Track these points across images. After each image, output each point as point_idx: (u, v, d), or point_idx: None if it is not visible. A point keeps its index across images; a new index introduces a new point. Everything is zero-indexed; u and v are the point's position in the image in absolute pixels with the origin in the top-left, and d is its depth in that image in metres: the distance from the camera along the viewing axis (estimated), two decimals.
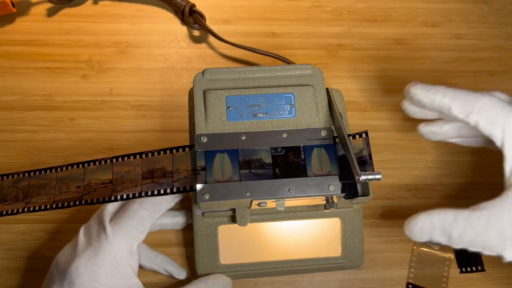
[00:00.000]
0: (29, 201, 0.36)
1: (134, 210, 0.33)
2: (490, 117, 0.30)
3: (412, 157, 0.44)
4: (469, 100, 0.31)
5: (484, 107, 0.31)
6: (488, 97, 0.31)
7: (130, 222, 0.32)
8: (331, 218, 0.38)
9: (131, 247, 0.32)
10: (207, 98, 0.34)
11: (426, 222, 0.30)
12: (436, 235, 0.30)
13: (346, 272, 0.40)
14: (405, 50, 0.49)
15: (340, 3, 0.51)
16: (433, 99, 0.32)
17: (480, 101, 0.31)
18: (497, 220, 0.29)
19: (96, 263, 0.30)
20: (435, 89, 0.32)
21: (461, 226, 0.29)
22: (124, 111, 0.45)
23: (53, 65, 0.46)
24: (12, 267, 0.39)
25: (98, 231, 0.32)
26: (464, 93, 0.32)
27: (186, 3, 0.47)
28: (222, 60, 0.48)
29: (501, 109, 0.30)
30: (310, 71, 0.36)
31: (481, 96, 0.31)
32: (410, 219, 0.31)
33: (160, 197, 0.33)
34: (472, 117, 0.31)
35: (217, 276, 0.36)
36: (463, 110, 0.31)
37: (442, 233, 0.30)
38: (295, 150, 0.34)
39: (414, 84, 0.34)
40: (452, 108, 0.31)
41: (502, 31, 0.51)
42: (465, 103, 0.31)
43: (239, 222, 0.35)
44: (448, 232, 0.30)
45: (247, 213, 0.35)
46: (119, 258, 0.31)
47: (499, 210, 0.29)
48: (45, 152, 0.43)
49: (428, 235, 0.31)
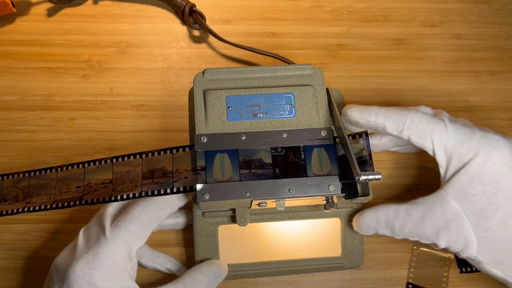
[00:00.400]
0: (29, 201, 0.36)
1: (136, 215, 0.32)
2: (419, 131, 0.34)
3: (412, 157, 0.44)
4: (399, 118, 0.34)
5: (412, 123, 0.34)
6: (415, 113, 0.34)
7: (131, 227, 0.32)
8: (331, 218, 0.38)
9: (130, 252, 0.32)
10: (207, 98, 0.34)
11: (371, 218, 0.35)
12: (381, 229, 0.34)
13: (346, 272, 0.40)
14: (405, 50, 0.49)
15: (340, 3, 0.51)
16: (368, 120, 0.35)
17: (408, 117, 0.34)
18: (431, 213, 0.33)
19: (94, 267, 0.30)
20: (369, 110, 0.35)
21: (402, 219, 0.33)
22: (124, 111, 0.45)
23: (53, 65, 0.46)
24: (12, 267, 0.39)
25: (98, 234, 0.32)
26: (395, 111, 0.35)
27: (186, 3, 0.47)
28: (222, 60, 0.48)
29: (428, 123, 0.34)
30: (310, 71, 0.36)
31: (409, 113, 0.34)
32: (357, 216, 0.36)
33: (162, 202, 0.33)
34: (404, 133, 0.34)
35: (210, 262, 0.36)
36: (395, 127, 0.34)
37: (385, 226, 0.34)
38: (295, 150, 0.34)
39: (350, 107, 0.36)
40: (385, 126, 0.34)
41: (502, 31, 0.51)
42: (396, 121, 0.34)
43: (239, 222, 0.35)
44: (391, 225, 0.34)
45: (247, 213, 0.35)
46: (117, 262, 0.31)
47: (433, 205, 0.33)
48: (45, 152, 0.43)
49: (374, 229, 0.35)
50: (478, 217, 0.32)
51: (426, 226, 0.33)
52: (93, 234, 0.32)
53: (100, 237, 0.32)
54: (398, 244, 0.41)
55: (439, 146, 0.33)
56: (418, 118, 0.34)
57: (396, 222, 0.34)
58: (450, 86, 0.48)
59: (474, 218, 0.32)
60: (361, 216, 0.35)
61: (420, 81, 0.48)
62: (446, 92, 0.48)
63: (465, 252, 0.32)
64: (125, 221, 0.32)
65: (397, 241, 0.41)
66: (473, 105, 0.47)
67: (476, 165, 0.32)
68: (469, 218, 0.32)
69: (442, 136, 0.33)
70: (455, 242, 0.33)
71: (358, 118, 0.35)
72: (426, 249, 0.41)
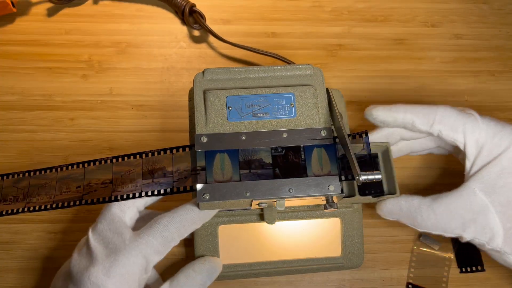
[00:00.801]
0: (29, 201, 0.36)
1: (159, 230, 0.32)
2: (450, 124, 0.34)
3: (412, 157, 0.44)
4: (429, 112, 0.34)
5: (443, 117, 0.34)
6: (444, 107, 0.35)
7: (152, 241, 0.32)
8: (331, 218, 0.38)
9: (146, 265, 0.32)
10: (207, 98, 0.34)
11: (395, 204, 0.35)
12: (403, 218, 0.35)
13: (346, 272, 0.40)
14: (405, 50, 0.49)
15: (340, 3, 0.51)
16: (395, 117, 0.35)
17: (438, 111, 0.34)
18: (457, 207, 0.33)
19: (109, 274, 0.30)
20: (395, 107, 0.35)
21: (425, 212, 0.34)
22: (124, 111, 0.45)
23: (53, 65, 0.46)
24: (12, 267, 0.39)
25: (116, 242, 0.31)
26: (422, 107, 0.35)
27: (186, 3, 0.47)
28: (222, 60, 0.48)
29: (458, 116, 0.34)
30: (310, 71, 0.36)
31: (438, 107, 0.35)
32: (382, 201, 0.36)
33: (186, 219, 0.33)
34: (435, 127, 0.34)
35: (203, 259, 0.35)
36: (425, 122, 0.34)
37: (407, 216, 0.34)
38: (295, 150, 0.34)
39: (374, 106, 0.36)
40: (415, 122, 0.34)
41: (502, 31, 0.51)
42: (426, 115, 0.34)
43: (267, 221, 0.35)
44: (414, 216, 0.34)
45: (275, 212, 0.35)
46: (132, 273, 0.31)
47: (459, 198, 0.33)
48: (45, 152, 0.43)
49: (396, 216, 0.35)
50: (506, 208, 0.32)
51: (451, 219, 0.33)
52: (110, 240, 0.32)
53: (118, 246, 0.31)
54: (398, 244, 0.41)
55: (471, 138, 0.34)
56: (449, 111, 0.34)
57: (419, 215, 0.34)
58: (450, 86, 0.48)
59: (501, 209, 0.32)
60: (384, 201, 0.35)
61: (420, 81, 0.48)
62: (446, 92, 0.48)
63: (490, 243, 0.33)
64: (147, 234, 0.32)
65: (397, 241, 0.41)
66: (473, 105, 0.47)
67: (508, 157, 0.33)
68: (496, 210, 0.32)
69: (474, 128, 0.34)
70: (481, 233, 0.33)
71: (384, 116, 0.35)
72: (426, 249, 0.41)
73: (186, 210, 0.33)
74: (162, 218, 0.32)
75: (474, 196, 0.33)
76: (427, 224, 0.34)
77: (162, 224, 0.32)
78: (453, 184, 0.35)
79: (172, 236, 0.32)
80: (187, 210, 0.33)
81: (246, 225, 0.37)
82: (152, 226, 0.32)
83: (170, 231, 0.32)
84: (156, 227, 0.32)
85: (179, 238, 0.33)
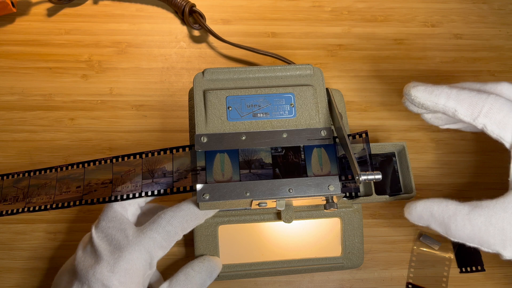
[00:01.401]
0: (29, 201, 0.36)
1: (162, 225, 0.32)
2: (498, 120, 0.29)
3: (412, 157, 0.44)
4: (475, 102, 0.30)
5: (491, 110, 0.29)
6: (494, 99, 0.30)
7: (155, 236, 0.32)
8: (331, 218, 0.38)
9: (151, 260, 0.32)
10: (207, 98, 0.34)
11: (426, 209, 0.31)
12: (434, 224, 0.31)
13: (346, 272, 0.40)
14: (405, 50, 0.49)
15: (340, 3, 0.51)
16: (436, 102, 0.31)
17: (487, 103, 0.30)
18: (498, 219, 0.29)
19: (113, 270, 0.30)
20: (438, 90, 0.31)
21: (460, 222, 0.29)
22: (124, 111, 0.45)
23: (53, 65, 0.46)
24: (12, 267, 0.39)
25: (119, 239, 0.32)
26: (469, 94, 0.30)
27: (186, 3, 0.47)
28: (222, 60, 0.48)
29: (510, 111, 0.29)
30: (310, 71, 0.36)
31: (487, 97, 0.30)
32: (411, 203, 0.32)
33: (189, 214, 0.33)
34: (480, 120, 0.30)
35: (202, 258, 0.35)
36: (469, 113, 0.30)
37: (440, 224, 0.30)
38: (295, 150, 0.34)
39: (414, 85, 0.32)
40: (457, 111, 0.30)
41: (502, 31, 0.51)
42: (471, 105, 0.30)
43: (285, 220, 0.35)
44: (447, 224, 0.30)
45: (292, 211, 0.36)
46: (136, 268, 0.31)
47: (501, 210, 0.29)
48: (45, 152, 0.43)
49: (426, 222, 0.31)
50: None
51: (490, 233, 0.29)
52: (113, 237, 0.32)
53: (122, 242, 0.31)
54: (398, 244, 0.41)
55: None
56: (499, 104, 0.29)
57: (453, 223, 0.30)
58: None
59: None
60: (414, 204, 0.31)
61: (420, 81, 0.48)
62: None
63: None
64: (150, 229, 0.32)
65: (397, 241, 0.41)
66: None
67: None
68: None
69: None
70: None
71: (424, 99, 0.31)
72: (426, 249, 0.41)
73: (189, 205, 0.33)
74: (165, 213, 0.33)
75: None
76: (462, 235, 0.30)
77: (165, 219, 0.32)
78: (487, 185, 0.32)
79: (175, 230, 0.32)
80: (190, 205, 0.33)
81: (246, 225, 0.37)
82: (155, 221, 0.32)
83: (173, 226, 0.32)
84: (159, 222, 0.32)
85: (182, 233, 0.33)
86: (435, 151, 0.45)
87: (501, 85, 0.31)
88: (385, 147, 0.38)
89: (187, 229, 0.33)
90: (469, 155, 0.45)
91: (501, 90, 0.31)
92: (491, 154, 0.45)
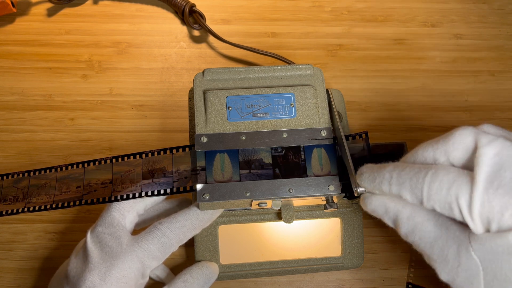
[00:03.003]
0: (29, 201, 0.36)
1: (157, 236, 0.32)
2: (442, 200, 0.26)
3: None
4: (415, 185, 0.27)
5: (431, 190, 0.26)
6: (433, 175, 0.26)
7: (150, 247, 0.32)
8: (331, 218, 0.38)
9: (143, 270, 0.32)
10: (207, 98, 0.34)
11: (380, 205, 0.30)
12: (387, 220, 0.30)
13: (346, 272, 0.40)
14: (405, 50, 0.49)
15: (340, 3, 0.51)
16: (381, 189, 0.29)
17: (425, 183, 0.26)
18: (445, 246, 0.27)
19: (105, 278, 0.30)
20: (379, 177, 0.29)
21: (411, 225, 0.28)
22: (124, 111, 0.45)
23: (53, 65, 0.46)
24: (12, 267, 0.39)
25: (113, 246, 0.31)
26: (409, 175, 0.27)
27: (186, 3, 0.47)
28: (222, 60, 0.48)
29: (450, 187, 0.26)
30: (310, 71, 0.36)
31: (425, 175, 0.27)
32: (369, 195, 0.30)
33: (186, 225, 0.33)
34: (426, 204, 0.27)
35: (200, 264, 0.35)
36: (414, 198, 0.27)
37: (392, 222, 0.29)
38: (295, 150, 0.34)
39: (360, 172, 0.30)
40: (403, 196, 0.28)
41: (502, 31, 0.51)
42: (412, 189, 0.27)
43: (285, 220, 0.35)
44: (398, 224, 0.29)
45: (293, 211, 0.35)
46: (128, 278, 0.31)
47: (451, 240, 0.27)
48: (45, 152, 0.43)
49: (379, 216, 0.30)
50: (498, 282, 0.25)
51: (434, 251, 0.27)
52: (107, 244, 0.31)
53: (115, 250, 0.31)
54: (398, 244, 0.41)
55: (467, 215, 0.25)
56: (438, 182, 0.26)
57: (405, 225, 0.28)
58: (450, 86, 0.48)
59: (490, 280, 0.25)
60: (370, 198, 0.30)
61: (420, 81, 0.48)
62: (446, 92, 0.48)
63: None
64: (145, 239, 0.32)
65: (397, 241, 0.41)
66: (473, 105, 0.47)
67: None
68: (485, 278, 0.25)
69: (471, 202, 0.25)
70: (462, 285, 0.26)
71: (371, 188, 0.30)
72: None
73: (185, 216, 0.33)
74: (162, 224, 0.32)
75: (468, 254, 0.26)
76: (412, 238, 0.28)
77: (161, 230, 0.32)
78: None
79: (171, 242, 0.32)
80: (186, 216, 0.33)
81: (246, 225, 0.37)
82: (151, 231, 0.32)
83: (169, 238, 0.32)
84: (155, 233, 0.32)
85: (177, 244, 0.33)
86: None
87: (450, 142, 0.27)
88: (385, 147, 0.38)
89: (183, 240, 0.33)
90: None
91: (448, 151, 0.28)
92: None
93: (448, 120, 0.46)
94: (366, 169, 0.30)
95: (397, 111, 0.46)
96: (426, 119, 0.46)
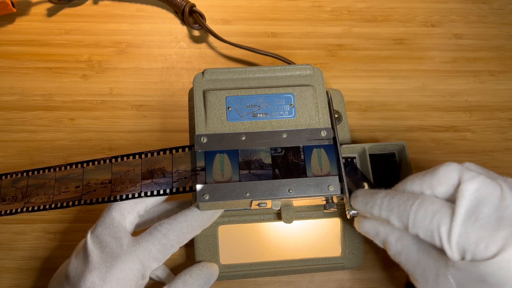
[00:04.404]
0: (28, 200, 0.36)
1: (158, 238, 0.32)
2: (425, 228, 0.28)
3: (412, 157, 0.44)
4: (403, 212, 0.29)
5: (416, 218, 0.28)
6: (419, 205, 0.29)
7: (150, 248, 0.32)
8: (331, 218, 0.38)
9: (144, 271, 0.32)
10: (207, 98, 0.34)
11: (372, 228, 0.32)
12: (377, 241, 0.32)
13: (346, 272, 0.40)
14: (405, 50, 0.49)
15: (340, 3, 0.51)
16: (372, 214, 0.31)
17: (412, 211, 0.29)
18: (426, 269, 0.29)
19: (105, 279, 0.30)
20: (371, 202, 0.31)
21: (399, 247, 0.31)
22: (124, 111, 0.45)
23: (53, 65, 0.46)
24: (12, 267, 0.39)
25: (113, 247, 0.31)
26: (398, 202, 0.30)
27: (186, 3, 0.47)
28: (222, 60, 0.48)
29: (433, 217, 0.28)
30: (310, 71, 0.36)
31: (412, 204, 0.29)
32: (361, 219, 0.33)
33: (186, 226, 0.33)
34: (411, 231, 0.29)
35: (200, 265, 0.35)
36: (401, 224, 0.30)
37: (382, 244, 0.32)
38: (295, 150, 0.34)
39: (355, 195, 0.33)
40: (391, 221, 0.30)
41: (502, 31, 0.51)
42: (399, 216, 0.29)
43: (285, 220, 0.35)
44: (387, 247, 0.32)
45: (293, 211, 0.36)
46: (128, 278, 0.31)
47: (431, 264, 0.29)
48: (45, 152, 0.43)
49: (371, 238, 0.33)
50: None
51: (417, 272, 0.30)
52: (107, 244, 0.31)
53: (115, 250, 0.31)
54: None
55: (446, 243, 0.27)
56: (423, 211, 0.28)
57: (393, 247, 0.31)
58: (450, 86, 0.48)
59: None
60: (362, 222, 0.33)
61: (420, 81, 0.48)
62: (446, 92, 0.48)
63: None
64: (146, 240, 0.32)
65: None
66: (473, 105, 0.47)
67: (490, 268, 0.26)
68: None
69: (450, 232, 0.27)
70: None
71: (363, 211, 0.32)
72: None
73: (186, 217, 0.33)
74: (162, 225, 0.32)
75: (445, 278, 0.28)
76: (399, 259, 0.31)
77: (162, 231, 0.32)
78: None
79: (171, 243, 0.32)
80: (186, 217, 0.33)
81: (246, 225, 0.37)
82: (151, 232, 0.32)
83: (169, 239, 0.32)
84: (155, 234, 0.32)
85: (178, 245, 0.33)
86: (435, 151, 0.45)
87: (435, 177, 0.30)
88: (385, 147, 0.38)
89: (184, 241, 0.33)
90: (469, 155, 0.45)
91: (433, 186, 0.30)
92: (491, 154, 0.45)
93: (448, 120, 0.46)
94: (360, 193, 0.33)
95: (397, 111, 0.46)
96: (426, 119, 0.46)
